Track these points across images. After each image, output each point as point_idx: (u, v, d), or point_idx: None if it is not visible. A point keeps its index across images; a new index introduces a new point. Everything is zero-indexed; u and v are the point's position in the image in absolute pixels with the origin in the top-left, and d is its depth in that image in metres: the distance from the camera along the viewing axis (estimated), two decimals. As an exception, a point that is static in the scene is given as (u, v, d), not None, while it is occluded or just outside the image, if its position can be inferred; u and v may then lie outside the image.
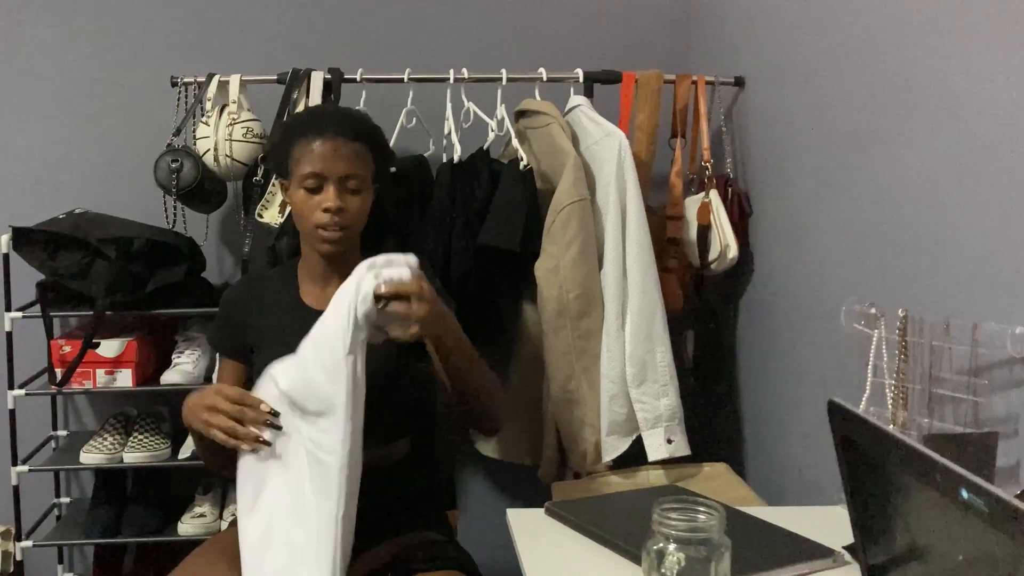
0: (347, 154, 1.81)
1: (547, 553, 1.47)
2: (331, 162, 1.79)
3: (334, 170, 1.79)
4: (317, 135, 1.81)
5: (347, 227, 1.82)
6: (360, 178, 1.82)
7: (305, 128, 1.85)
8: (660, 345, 2.37)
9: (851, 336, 1.71)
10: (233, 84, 2.54)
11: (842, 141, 2.05)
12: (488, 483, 3.03)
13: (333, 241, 1.82)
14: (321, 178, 1.80)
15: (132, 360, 2.56)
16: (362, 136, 1.85)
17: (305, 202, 1.81)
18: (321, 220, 1.80)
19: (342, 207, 1.80)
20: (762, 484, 2.47)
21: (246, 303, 1.96)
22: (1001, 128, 1.52)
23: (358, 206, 1.83)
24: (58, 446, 2.82)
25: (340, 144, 1.80)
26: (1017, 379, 1.45)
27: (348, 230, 1.83)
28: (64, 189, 2.83)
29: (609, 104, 2.56)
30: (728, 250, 2.50)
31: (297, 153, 1.82)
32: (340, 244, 1.83)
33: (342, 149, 1.80)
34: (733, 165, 2.64)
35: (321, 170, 1.79)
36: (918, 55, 1.75)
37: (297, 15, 2.88)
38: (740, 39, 2.63)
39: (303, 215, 1.83)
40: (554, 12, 2.94)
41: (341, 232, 1.81)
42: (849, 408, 0.93)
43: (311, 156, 1.80)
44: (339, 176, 1.80)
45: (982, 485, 0.73)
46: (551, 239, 2.38)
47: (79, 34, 2.84)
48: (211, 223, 2.83)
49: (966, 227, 1.60)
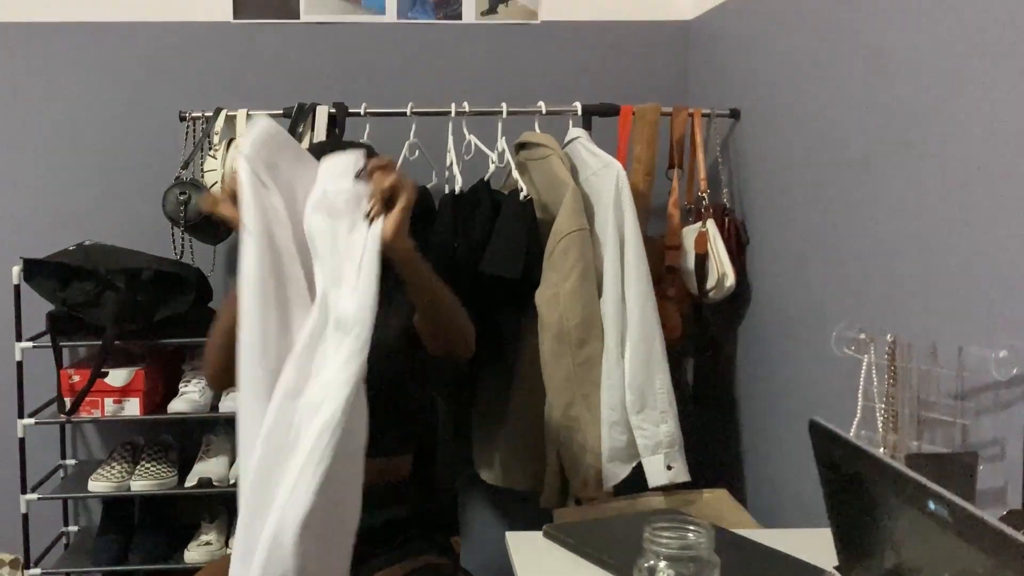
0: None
1: (545, 575, 1.51)
2: None
3: None
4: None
5: None
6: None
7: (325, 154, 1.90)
8: (659, 372, 2.41)
9: (842, 361, 1.75)
10: (240, 118, 2.60)
11: (833, 172, 2.10)
12: (491, 509, 3.05)
13: None
14: None
15: (140, 389, 2.60)
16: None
17: None
18: None
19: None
20: (762, 510, 2.50)
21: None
22: (982, 161, 1.57)
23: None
24: (66, 475, 2.86)
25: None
26: (1003, 402, 1.49)
27: None
28: (74, 221, 2.89)
29: (607, 136, 2.61)
30: (725, 278, 2.53)
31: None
32: None
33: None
34: (730, 195, 2.68)
35: None
36: (906, 88, 1.80)
37: (302, 51, 2.94)
38: (735, 73, 2.69)
39: None
40: (553, 47, 3.00)
41: None
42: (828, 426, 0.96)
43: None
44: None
45: (944, 495, 0.76)
46: (551, 268, 2.42)
47: (90, 70, 2.90)
48: (218, 254, 2.88)
49: (951, 253, 1.65)
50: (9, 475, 2.63)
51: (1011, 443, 1.47)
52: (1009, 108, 1.51)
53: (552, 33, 3.00)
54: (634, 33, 3.01)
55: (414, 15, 2.97)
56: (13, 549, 2.72)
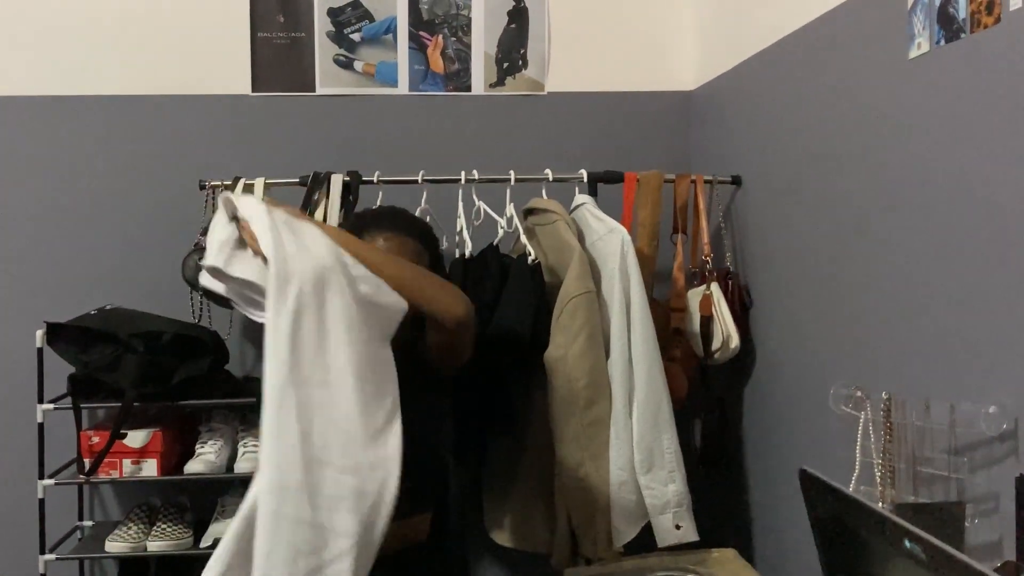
0: (411, 251, 1.95)
1: (553, 627, 1.54)
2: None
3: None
4: (389, 229, 1.96)
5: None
6: None
7: (379, 221, 2.00)
8: (666, 432, 2.44)
9: (841, 419, 1.80)
10: (258, 187, 2.69)
11: (831, 237, 2.16)
12: (502, 571, 3.07)
13: None
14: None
15: (157, 450, 2.65)
16: (426, 240, 2.00)
17: None
18: None
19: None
20: (770, 568, 2.52)
21: None
22: (972, 228, 1.63)
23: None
24: (84, 535, 2.90)
25: (407, 241, 1.95)
26: (996, 457, 1.53)
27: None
28: (96, 286, 2.96)
29: (612, 202, 2.69)
30: (730, 340, 2.58)
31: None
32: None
33: (408, 245, 1.95)
34: (732, 259, 2.75)
35: None
36: (901, 156, 1.87)
37: (317, 122, 3.04)
38: (736, 140, 2.77)
39: None
40: (559, 116, 3.10)
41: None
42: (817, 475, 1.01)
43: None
44: None
45: (918, 533, 0.81)
46: (559, 330, 2.47)
47: (113, 141, 3.01)
48: (234, 318, 2.95)
49: (943, 314, 1.70)
50: (29, 536, 2.68)
51: (1004, 497, 1.51)
52: (998, 176, 1.58)
53: (558, 104, 3.10)
54: (637, 103, 3.11)
55: (425, 88, 3.07)
56: (31, 610, 2.75)
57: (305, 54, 3.04)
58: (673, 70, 3.13)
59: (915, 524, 0.95)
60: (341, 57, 3.05)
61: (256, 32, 3.03)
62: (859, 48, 2.02)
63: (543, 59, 3.10)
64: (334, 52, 3.05)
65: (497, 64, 3.09)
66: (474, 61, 3.09)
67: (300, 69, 3.05)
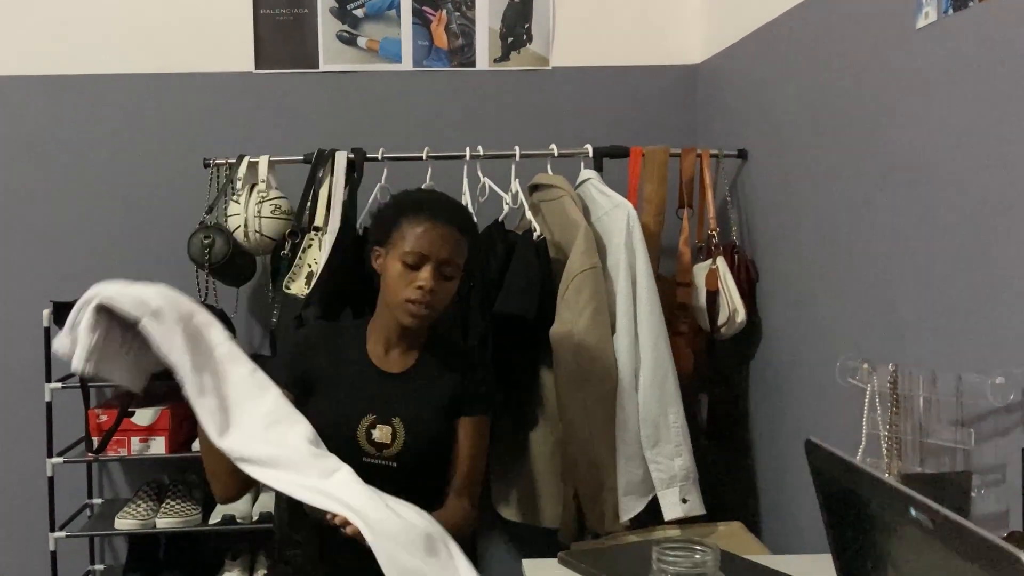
0: (452, 241, 1.91)
1: (560, 599, 1.55)
2: (437, 246, 1.89)
3: (438, 254, 1.89)
4: (430, 218, 1.91)
5: (433, 307, 1.91)
6: (456, 266, 1.92)
7: (419, 207, 1.94)
8: (673, 407, 2.45)
9: (848, 391, 1.79)
10: (262, 164, 2.68)
11: (837, 209, 2.16)
12: (510, 545, 3.08)
13: (418, 316, 1.90)
14: (423, 258, 1.88)
15: (165, 428, 2.66)
16: (467, 229, 1.97)
17: (402, 275, 1.89)
18: (413, 295, 1.88)
19: (435, 289, 1.89)
20: (777, 541, 2.52)
21: (320, 345, 2.04)
22: (978, 200, 1.63)
23: (448, 291, 1.93)
24: (93, 513, 2.92)
25: (449, 232, 1.91)
26: (1002, 428, 1.53)
27: (433, 310, 1.91)
28: (102, 265, 2.96)
29: (618, 177, 2.68)
30: (736, 315, 2.58)
31: (406, 228, 1.91)
32: (420, 321, 1.92)
33: (449, 236, 1.91)
34: (739, 233, 2.74)
35: (426, 251, 1.88)
36: (907, 128, 1.86)
37: (321, 99, 3.04)
38: (742, 114, 2.76)
39: (395, 287, 1.91)
40: (564, 91, 3.09)
41: (427, 311, 1.90)
42: (822, 445, 1.01)
43: (420, 235, 1.89)
44: (440, 260, 1.89)
45: (925, 502, 0.81)
46: (565, 306, 2.48)
47: (118, 120, 3.01)
48: (241, 296, 2.96)
49: (950, 285, 1.70)
50: (38, 514, 2.70)
51: (1011, 467, 1.51)
52: (1006, 147, 1.57)
53: (563, 78, 3.09)
54: (643, 77, 3.10)
55: (429, 63, 3.06)
56: (42, 588, 2.77)
57: (308, 31, 3.03)
58: (678, 44, 3.11)
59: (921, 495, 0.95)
60: (344, 33, 3.04)
61: (259, 9, 3.02)
62: (865, 18, 2.01)
63: (548, 34, 3.08)
64: (337, 28, 3.04)
65: (501, 39, 3.08)
66: (478, 36, 3.07)
67: (303, 46, 3.03)
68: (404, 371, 2.00)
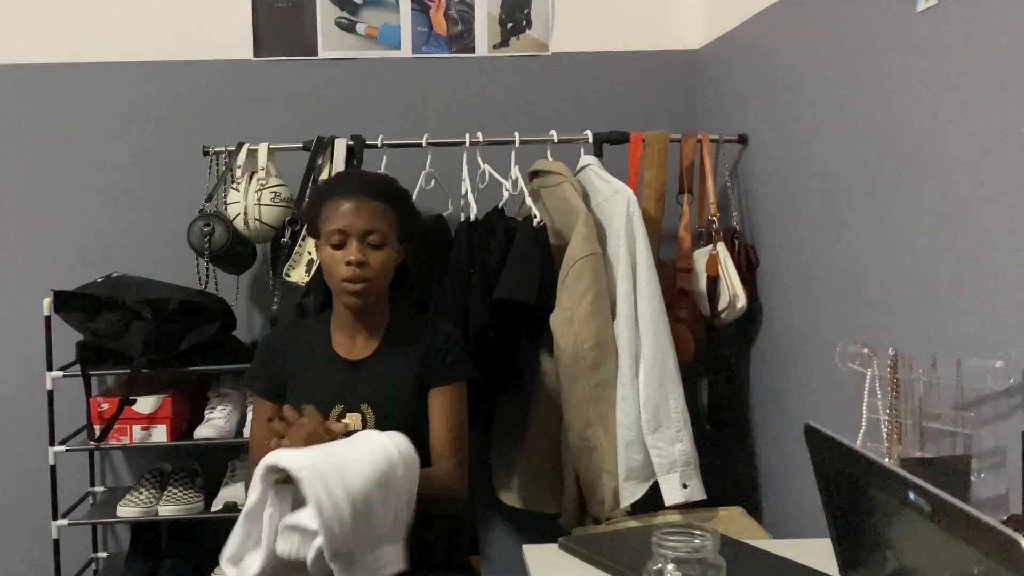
0: (368, 211, 1.95)
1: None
2: (352, 219, 1.94)
3: (355, 226, 1.94)
4: (341, 196, 1.97)
5: (369, 280, 1.94)
6: (381, 233, 1.95)
7: (331, 190, 2.02)
8: (673, 392, 2.45)
9: (848, 375, 1.80)
10: (261, 152, 2.68)
11: (837, 194, 2.15)
12: (511, 531, 3.09)
13: (356, 293, 1.94)
14: (344, 234, 1.94)
15: (167, 416, 2.66)
16: (382, 195, 1.99)
17: (331, 257, 1.96)
18: (345, 274, 1.93)
19: (363, 261, 1.93)
20: (777, 526, 2.53)
21: (285, 347, 2.08)
22: (977, 185, 1.62)
23: (380, 260, 1.95)
24: (96, 501, 2.93)
25: (363, 202, 1.95)
26: (1002, 412, 1.53)
27: (370, 283, 1.95)
28: (102, 254, 2.97)
29: (618, 163, 2.68)
30: (737, 300, 2.58)
31: (325, 213, 1.98)
32: (362, 296, 1.95)
33: (364, 206, 1.95)
34: (739, 218, 2.74)
35: (344, 227, 1.94)
36: (907, 114, 1.86)
37: (320, 86, 3.03)
38: (742, 99, 2.75)
39: (330, 270, 1.97)
40: (564, 77, 3.08)
41: (364, 284, 1.94)
42: (822, 430, 1.01)
43: (336, 215, 1.95)
44: (361, 231, 1.94)
45: (923, 486, 0.81)
46: (565, 292, 2.48)
47: (116, 108, 3.00)
48: (241, 284, 2.96)
49: (950, 269, 1.70)
50: (41, 501, 2.70)
51: (1011, 451, 1.51)
52: (1007, 131, 1.57)
53: (563, 64, 3.08)
54: (643, 63, 3.09)
55: (428, 50, 3.05)
56: (45, 574, 2.78)
57: (307, 17, 3.02)
58: (679, 29, 3.10)
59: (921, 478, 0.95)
60: (343, 20, 3.03)
61: (257, -4, 3.01)
62: (866, 1, 2.00)
63: (547, 19, 3.07)
64: (336, 15, 3.03)
65: (501, 25, 3.07)
66: (477, 22, 3.06)
67: (302, 33, 3.02)
68: (368, 356, 2.02)
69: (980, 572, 0.92)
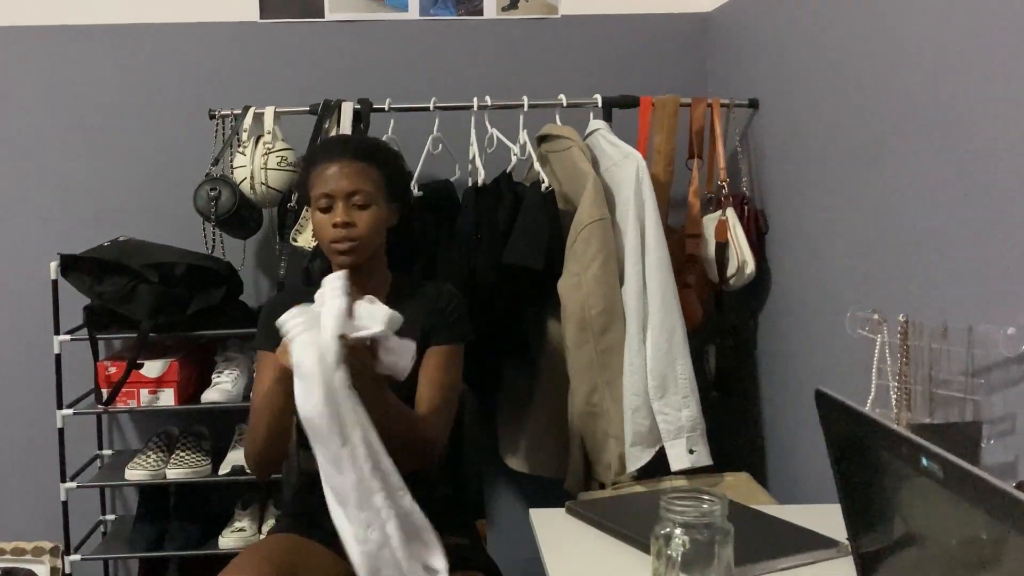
0: (350, 172, 1.97)
1: (568, 548, 1.56)
2: (336, 181, 1.96)
3: (340, 188, 1.96)
4: (326, 160, 1.99)
5: (357, 239, 1.96)
6: (365, 193, 1.97)
7: (316, 157, 2.04)
8: (680, 358, 2.45)
9: (857, 342, 1.79)
10: (268, 115, 2.66)
11: (848, 159, 2.13)
12: (517, 496, 3.10)
13: (345, 253, 1.95)
14: (330, 197, 1.96)
15: (174, 380, 2.67)
16: (364, 156, 2.01)
17: (320, 222, 1.98)
18: (332, 235, 1.95)
19: (349, 221, 1.95)
20: (784, 492, 2.53)
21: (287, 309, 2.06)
22: (991, 150, 1.60)
23: (367, 220, 1.96)
24: (104, 464, 2.94)
25: (344, 164, 1.97)
26: (1013, 378, 1.52)
27: (359, 242, 1.96)
28: (109, 218, 2.96)
29: (627, 127, 2.66)
30: (745, 266, 2.57)
31: (312, 180, 2.00)
32: (352, 256, 1.96)
33: (346, 168, 1.97)
34: (749, 184, 2.72)
35: (329, 190, 1.96)
36: (920, 79, 1.83)
37: (327, 49, 3.00)
38: (753, 63, 2.72)
39: (320, 234, 2.00)
40: (573, 40, 3.04)
41: (352, 244, 1.95)
42: (833, 395, 1.01)
43: (321, 179, 1.98)
44: (345, 193, 1.96)
45: (935, 451, 0.80)
46: (573, 257, 2.47)
47: (122, 71, 2.98)
48: (248, 248, 2.95)
49: (961, 235, 1.68)
50: (49, 465, 2.71)
51: (1021, 418, 1.51)
52: (1019, 97, 1.55)
53: (572, 27, 3.04)
54: (653, 26, 3.05)
55: (436, 12, 3.02)
56: (53, 536, 2.80)
57: (313, -21, 2.99)
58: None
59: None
60: (350, -18, 3.00)
61: (263, -43, 2.98)
62: (880, -36, 1.97)
63: (556, -19, 3.04)
64: (343, -24, 2.99)
65: (509, -13, 3.03)
66: (485, -16, 3.03)
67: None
68: None
69: (990, 537, 0.91)
